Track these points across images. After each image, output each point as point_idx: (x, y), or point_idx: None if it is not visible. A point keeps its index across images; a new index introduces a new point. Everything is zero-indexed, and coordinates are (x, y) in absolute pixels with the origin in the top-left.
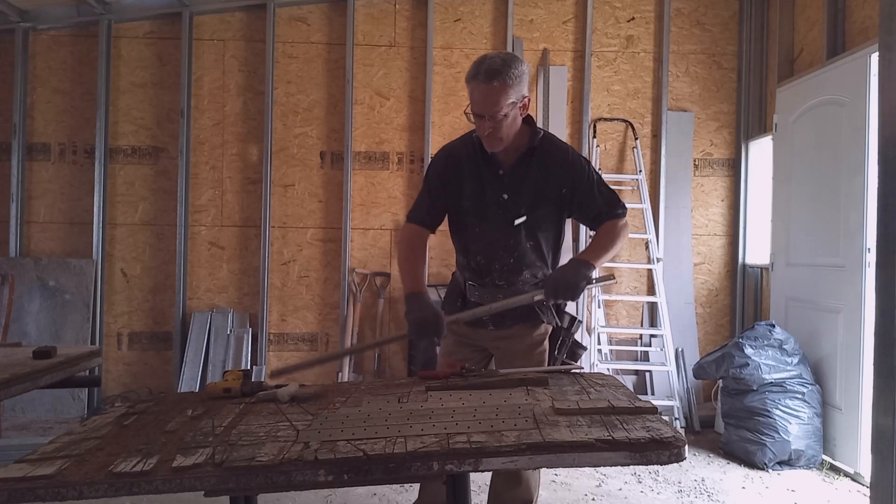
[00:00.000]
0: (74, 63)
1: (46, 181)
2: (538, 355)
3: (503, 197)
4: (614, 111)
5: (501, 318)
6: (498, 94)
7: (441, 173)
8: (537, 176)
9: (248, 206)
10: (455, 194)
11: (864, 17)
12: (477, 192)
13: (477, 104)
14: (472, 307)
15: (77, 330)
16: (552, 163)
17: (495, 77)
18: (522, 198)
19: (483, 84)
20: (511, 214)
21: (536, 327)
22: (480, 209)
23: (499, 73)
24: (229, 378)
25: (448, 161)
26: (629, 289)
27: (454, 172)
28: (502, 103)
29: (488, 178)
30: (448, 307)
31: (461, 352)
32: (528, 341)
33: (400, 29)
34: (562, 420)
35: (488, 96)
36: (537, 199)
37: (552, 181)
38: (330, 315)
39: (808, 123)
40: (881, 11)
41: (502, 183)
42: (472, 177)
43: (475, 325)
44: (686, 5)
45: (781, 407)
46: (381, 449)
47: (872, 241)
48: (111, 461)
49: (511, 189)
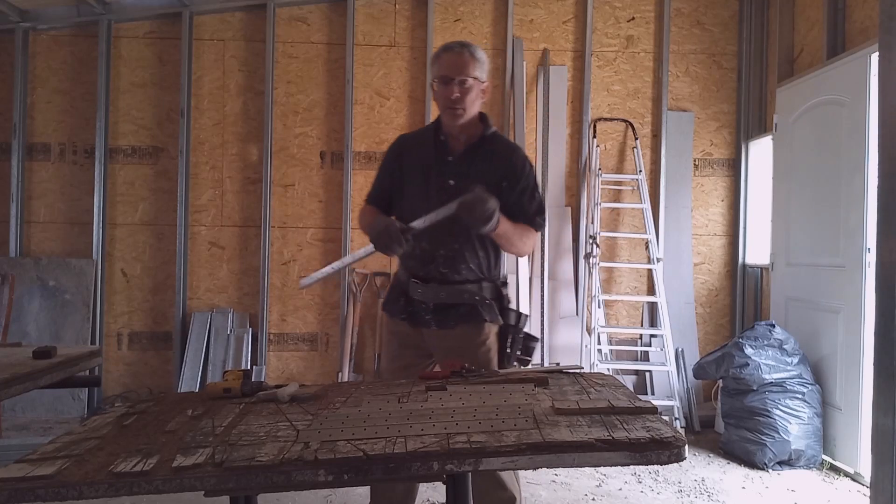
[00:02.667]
0: (74, 63)
1: (46, 181)
2: (483, 354)
3: (450, 182)
4: (614, 111)
5: (444, 318)
6: (468, 60)
7: (392, 156)
8: (483, 166)
9: (248, 206)
10: (405, 178)
11: (864, 17)
12: (425, 175)
13: (447, 67)
14: (415, 305)
15: (77, 330)
16: (499, 156)
17: (465, 48)
18: (468, 185)
19: (455, 50)
20: (455, 198)
21: (480, 326)
22: (427, 192)
23: (468, 46)
24: (229, 378)
25: (401, 145)
26: (629, 289)
27: (406, 156)
28: (471, 69)
29: (438, 163)
30: (390, 306)
31: (404, 355)
32: (472, 341)
33: (400, 29)
34: (562, 420)
35: (459, 60)
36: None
37: (496, 173)
38: (330, 315)
39: (808, 123)
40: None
41: (450, 169)
42: (422, 161)
43: (417, 325)
44: (686, 5)
45: (781, 407)
46: (381, 449)
47: (872, 241)
48: (111, 461)
49: (458, 175)
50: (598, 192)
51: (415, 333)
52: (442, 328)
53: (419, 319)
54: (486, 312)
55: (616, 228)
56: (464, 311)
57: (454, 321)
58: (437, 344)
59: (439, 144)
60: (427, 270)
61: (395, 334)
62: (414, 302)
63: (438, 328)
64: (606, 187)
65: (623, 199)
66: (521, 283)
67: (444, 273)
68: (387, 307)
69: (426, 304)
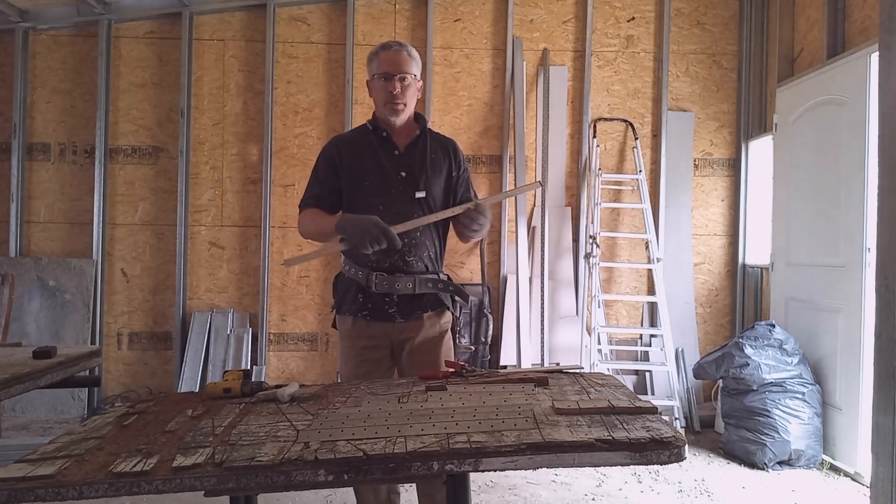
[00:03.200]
0: (74, 63)
1: (46, 181)
2: (446, 342)
3: (401, 174)
4: (614, 111)
5: (409, 308)
6: (406, 58)
7: (331, 158)
8: (432, 156)
9: (248, 206)
10: (353, 174)
11: (864, 17)
12: (376, 169)
13: (388, 64)
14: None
15: (77, 330)
16: (443, 147)
17: (403, 47)
18: (419, 174)
19: (394, 49)
20: (411, 188)
21: (442, 313)
22: (383, 186)
23: (405, 46)
24: (229, 378)
25: (340, 145)
26: (629, 289)
27: (348, 155)
28: (410, 67)
29: (385, 157)
30: (348, 306)
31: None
32: (435, 329)
33: (400, 29)
34: (562, 420)
35: (398, 58)
36: (432, 176)
37: (444, 163)
38: (330, 315)
39: (808, 123)
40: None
41: (399, 161)
42: (369, 156)
43: (379, 319)
44: (686, 5)
45: (781, 407)
46: (381, 449)
47: (872, 241)
48: (111, 461)
49: (408, 166)
50: (598, 192)
51: (376, 330)
52: (407, 319)
53: (381, 314)
54: (447, 300)
55: (616, 228)
56: (427, 300)
57: (419, 310)
58: (400, 337)
59: (383, 140)
60: (392, 261)
61: (354, 338)
62: (374, 296)
63: (404, 320)
64: (606, 187)
65: (623, 199)
66: (521, 282)
67: (409, 261)
68: (344, 308)
69: (390, 297)
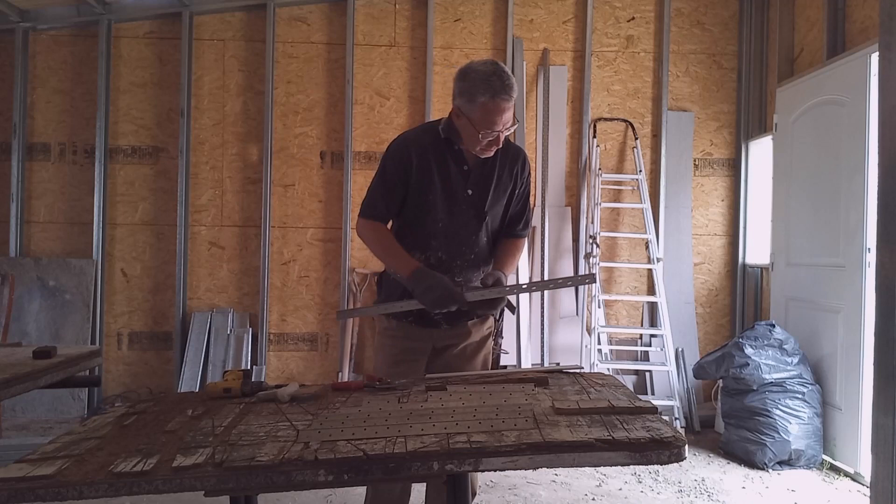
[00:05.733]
0: (74, 63)
1: (46, 181)
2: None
3: (468, 192)
4: (614, 111)
5: (458, 316)
6: (512, 107)
7: (403, 164)
8: (499, 173)
9: (248, 206)
10: (419, 187)
11: (864, 17)
12: (445, 185)
13: (500, 121)
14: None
15: (77, 330)
16: (512, 162)
17: (511, 93)
18: (485, 194)
19: (507, 100)
20: (475, 210)
21: (485, 322)
22: (448, 203)
23: (512, 89)
24: (229, 378)
25: (411, 152)
26: (629, 289)
27: (420, 164)
28: (512, 114)
29: (455, 172)
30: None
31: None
32: (480, 333)
33: (400, 29)
34: (562, 420)
35: (508, 111)
36: (496, 195)
37: (510, 182)
38: (330, 315)
39: (808, 123)
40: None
41: (468, 178)
42: (438, 168)
43: (427, 326)
44: (686, 5)
45: (781, 407)
46: (381, 449)
47: (872, 241)
48: (111, 461)
49: (476, 185)
50: (598, 192)
51: (420, 334)
52: (453, 326)
53: (428, 320)
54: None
55: (616, 228)
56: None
57: (465, 318)
58: (443, 342)
59: (454, 153)
60: None
61: (397, 338)
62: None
63: (449, 327)
64: (606, 187)
65: (623, 199)
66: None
67: (459, 283)
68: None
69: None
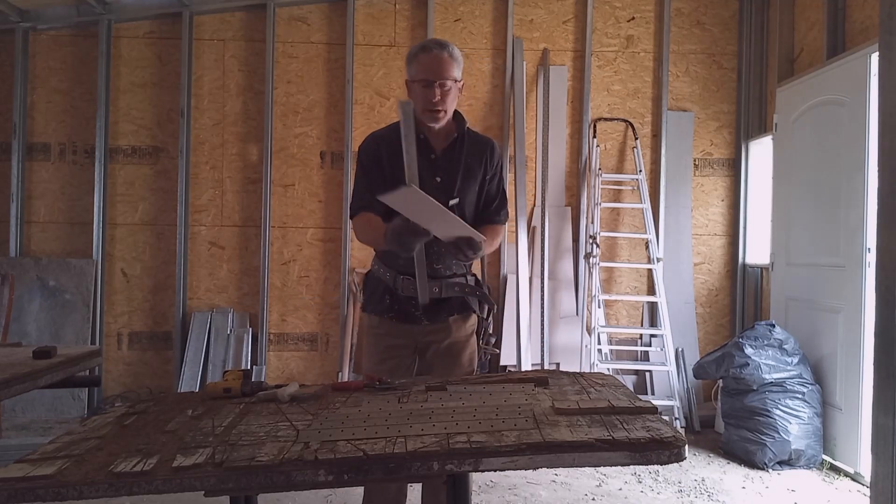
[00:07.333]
0: (74, 63)
1: (46, 181)
2: (472, 344)
3: (437, 179)
4: (614, 111)
5: (436, 312)
6: (448, 62)
7: (373, 155)
8: (467, 160)
9: (248, 205)
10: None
11: (864, 17)
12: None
13: (428, 71)
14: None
15: (77, 330)
16: (481, 150)
17: (444, 49)
18: (454, 180)
19: (434, 52)
20: (445, 196)
21: (468, 316)
22: None
23: (447, 47)
24: (229, 378)
25: (379, 144)
26: (629, 289)
27: (387, 154)
28: (451, 71)
29: (421, 161)
30: (375, 306)
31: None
32: (461, 332)
33: (400, 29)
34: (562, 420)
35: (439, 62)
36: (466, 182)
37: (479, 168)
38: (330, 315)
39: (808, 123)
40: (881, 11)
41: (435, 165)
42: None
43: (406, 321)
44: (686, 5)
45: (781, 407)
46: (381, 449)
47: (872, 241)
48: (111, 461)
49: (444, 172)
50: (598, 191)
51: (402, 330)
52: (433, 322)
53: (408, 316)
54: (473, 304)
55: (616, 228)
56: (453, 304)
57: (445, 314)
58: (425, 339)
59: (420, 143)
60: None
61: (380, 335)
62: (401, 299)
63: (430, 322)
64: (606, 187)
65: (623, 199)
66: (521, 282)
67: (437, 269)
68: (370, 307)
69: (416, 300)
